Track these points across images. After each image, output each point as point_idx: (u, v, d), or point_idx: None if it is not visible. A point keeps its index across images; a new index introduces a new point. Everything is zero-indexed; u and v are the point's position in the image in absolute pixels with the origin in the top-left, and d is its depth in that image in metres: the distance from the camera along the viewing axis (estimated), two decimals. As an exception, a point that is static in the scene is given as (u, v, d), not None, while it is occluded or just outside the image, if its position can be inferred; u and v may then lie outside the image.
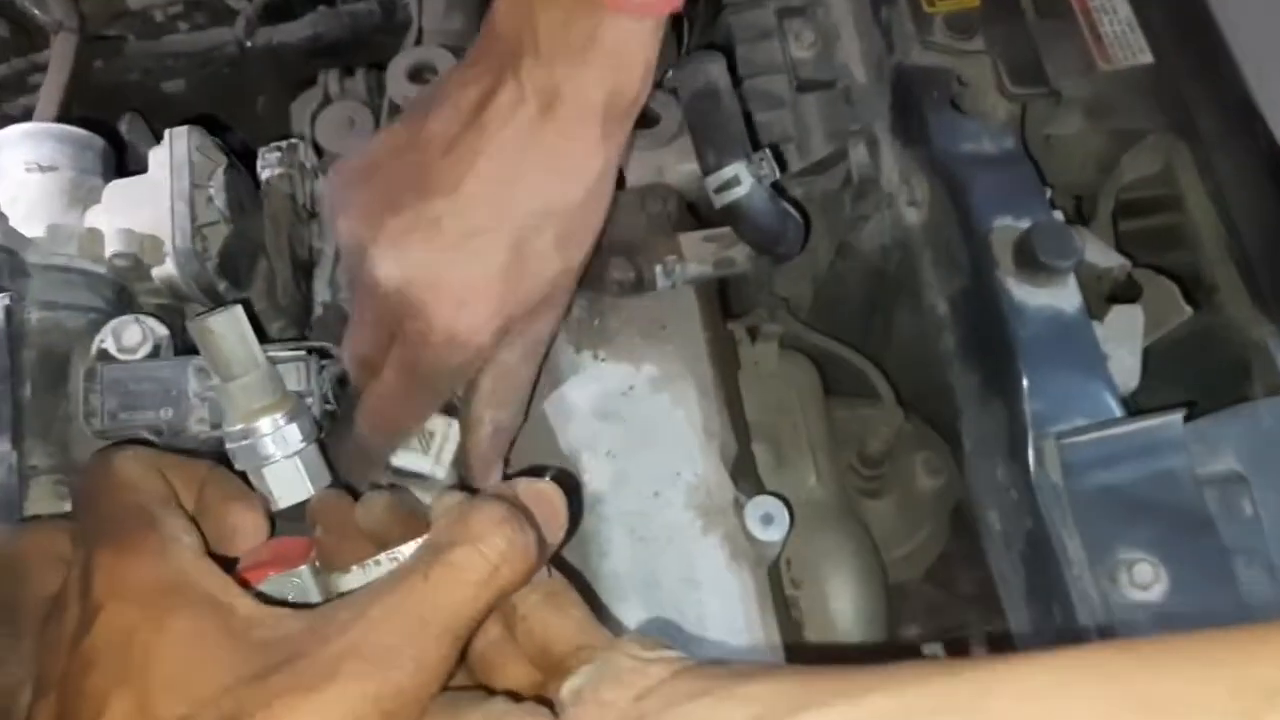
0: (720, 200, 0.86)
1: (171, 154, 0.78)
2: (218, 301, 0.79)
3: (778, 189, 0.89)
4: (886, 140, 0.98)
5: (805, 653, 0.96)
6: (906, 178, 0.94)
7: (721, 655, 0.85)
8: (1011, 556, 0.84)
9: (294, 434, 0.65)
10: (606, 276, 0.92)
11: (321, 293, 0.95)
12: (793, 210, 0.88)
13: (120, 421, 0.70)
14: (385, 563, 0.56)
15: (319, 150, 1.23)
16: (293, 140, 0.90)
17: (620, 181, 1.04)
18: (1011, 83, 0.92)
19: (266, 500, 0.62)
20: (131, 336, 0.72)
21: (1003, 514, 0.85)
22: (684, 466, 0.89)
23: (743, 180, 0.84)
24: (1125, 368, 0.87)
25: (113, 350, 0.72)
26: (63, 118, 1.00)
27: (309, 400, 0.71)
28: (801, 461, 1.12)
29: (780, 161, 0.87)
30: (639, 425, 0.90)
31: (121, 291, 0.79)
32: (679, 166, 1.04)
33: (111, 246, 0.76)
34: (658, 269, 0.90)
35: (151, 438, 0.71)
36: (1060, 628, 0.78)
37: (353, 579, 0.56)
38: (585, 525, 0.88)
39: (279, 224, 0.85)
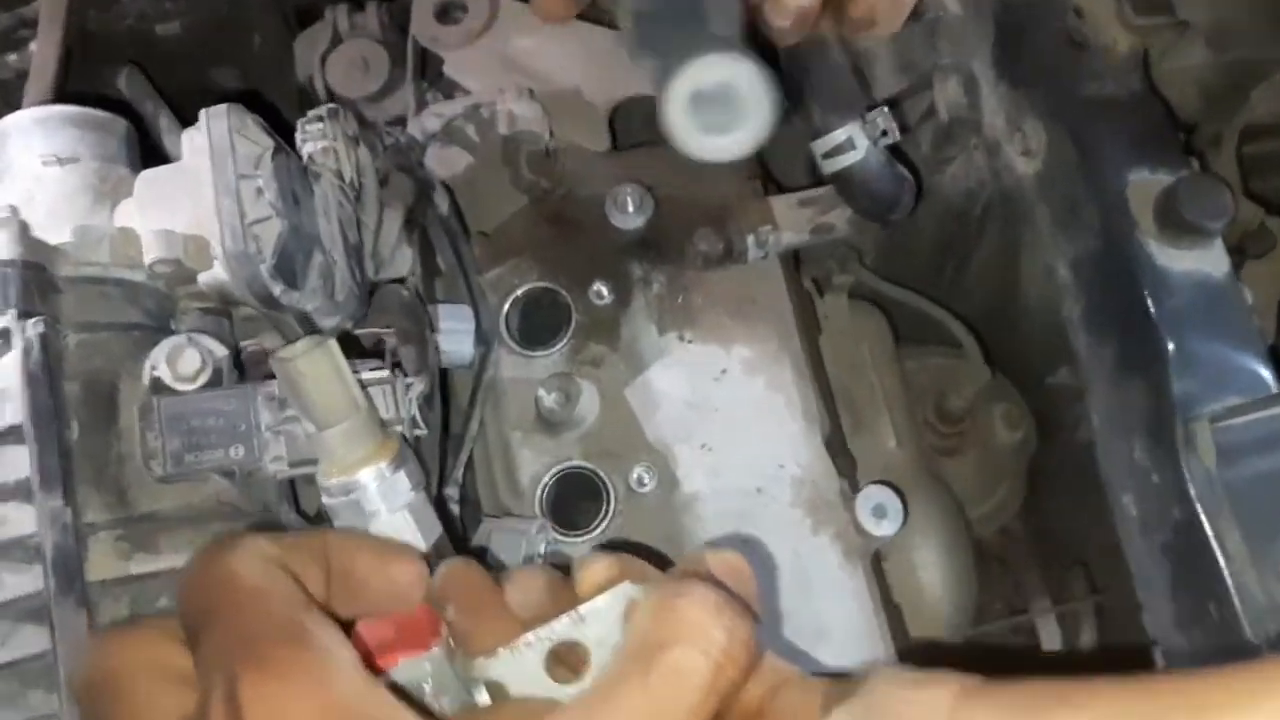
0: (830, 166, 0.76)
1: (210, 139, 0.67)
2: (271, 305, 0.70)
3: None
4: (988, 79, 0.88)
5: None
6: (1016, 123, 0.85)
7: (842, 668, 0.78)
8: (1151, 545, 0.78)
9: (402, 483, 0.56)
10: (690, 248, 0.83)
11: (369, 270, 0.86)
12: (907, 173, 0.79)
13: (186, 465, 0.61)
14: (538, 644, 0.47)
15: (331, 95, 1.12)
16: (333, 106, 0.79)
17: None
18: (1135, 11, 0.82)
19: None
20: (189, 363, 0.63)
21: (1141, 499, 0.78)
22: (787, 458, 0.81)
23: (857, 144, 0.74)
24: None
25: (167, 379, 0.62)
26: (59, 86, 0.89)
27: (398, 428, 0.63)
28: (879, 423, 1.04)
29: (901, 122, 0.77)
30: (735, 413, 0.82)
31: (163, 300, 0.69)
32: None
33: (151, 252, 0.66)
34: (750, 240, 0.81)
35: (221, 479, 0.62)
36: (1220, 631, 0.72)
37: (501, 665, 0.48)
38: (682, 527, 0.81)
39: (330, 209, 0.75)
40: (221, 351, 0.64)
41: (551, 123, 0.95)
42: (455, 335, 0.86)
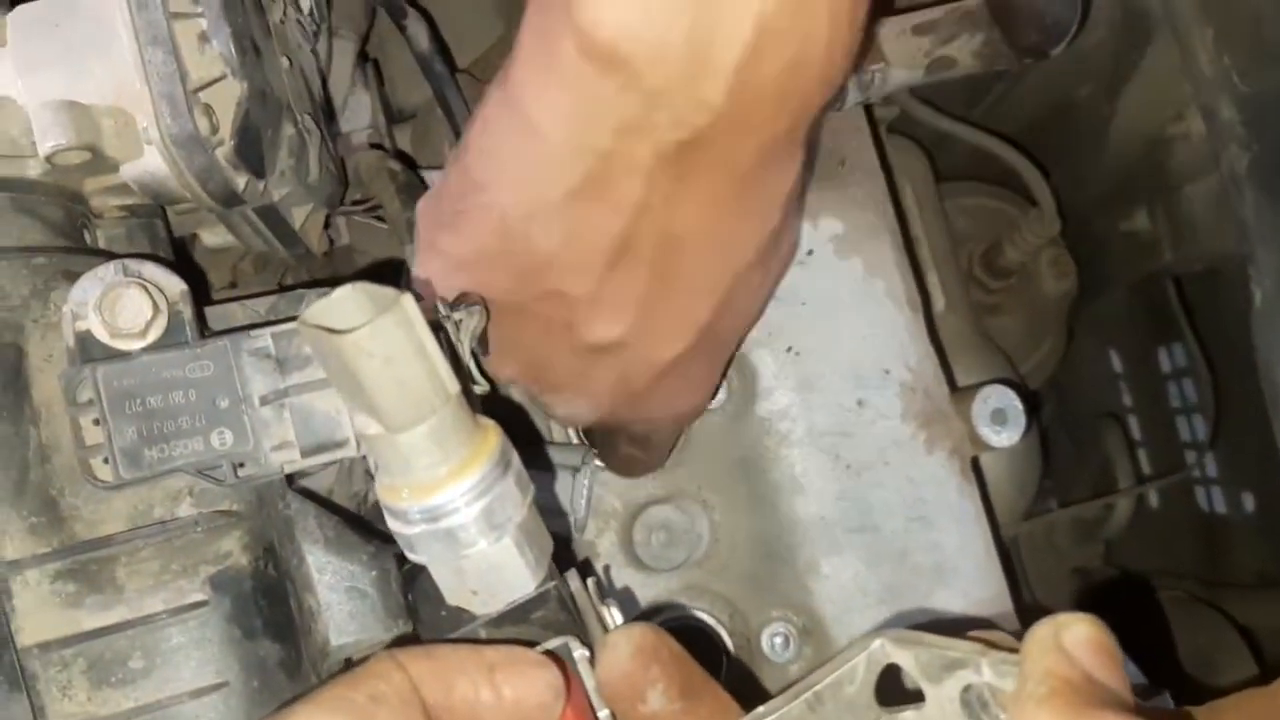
0: (985, -16, 0.57)
1: (122, -42, 0.45)
2: (229, 202, 0.48)
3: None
4: None
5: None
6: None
7: (966, 610, 0.64)
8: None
9: (510, 497, 0.37)
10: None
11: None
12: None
13: (148, 464, 0.41)
14: None
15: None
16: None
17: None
18: None
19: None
20: (133, 310, 0.41)
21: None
22: (893, 359, 0.65)
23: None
24: None
25: (102, 335, 0.42)
26: None
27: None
28: (925, 283, 0.88)
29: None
30: (826, 306, 0.64)
31: (70, 204, 0.47)
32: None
33: (48, 136, 0.43)
34: (851, 83, 0.62)
35: (204, 479, 0.42)
36: None
37: None
38: (763, 452, 0.64)
39: (292, 54, 0.53)
40: (178, 287, 0.43)
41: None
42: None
